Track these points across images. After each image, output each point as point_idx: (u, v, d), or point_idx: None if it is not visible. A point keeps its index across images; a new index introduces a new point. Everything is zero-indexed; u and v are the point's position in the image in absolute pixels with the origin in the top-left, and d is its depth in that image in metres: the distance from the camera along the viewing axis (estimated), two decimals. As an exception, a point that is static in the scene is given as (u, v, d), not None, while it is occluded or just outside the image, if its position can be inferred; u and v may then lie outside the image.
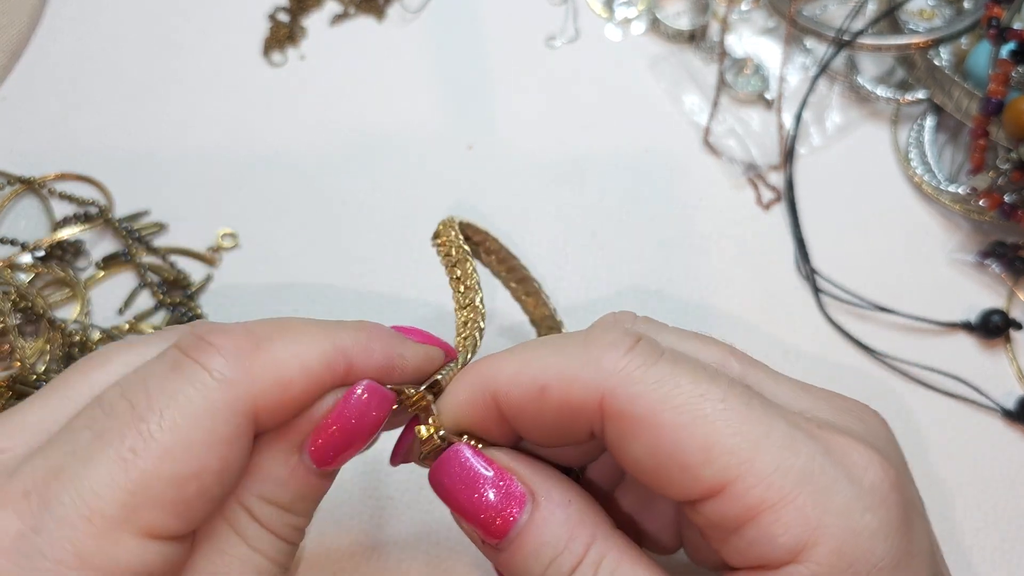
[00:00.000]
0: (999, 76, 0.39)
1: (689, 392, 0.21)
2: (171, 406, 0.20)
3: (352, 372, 0.23)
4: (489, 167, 0.45)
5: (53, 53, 0.47)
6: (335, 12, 0.49)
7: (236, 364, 0.21)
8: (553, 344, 0.24)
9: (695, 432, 0.21)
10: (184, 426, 0.20)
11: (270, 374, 0.22)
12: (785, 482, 0.20)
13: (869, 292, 0.42)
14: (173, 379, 0.21)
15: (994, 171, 0.41)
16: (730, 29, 0.48)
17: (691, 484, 0.21)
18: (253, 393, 0.21)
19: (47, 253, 0.41)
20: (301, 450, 0.23)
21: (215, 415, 0.21)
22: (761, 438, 0.21)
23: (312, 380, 0.22)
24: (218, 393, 0.21)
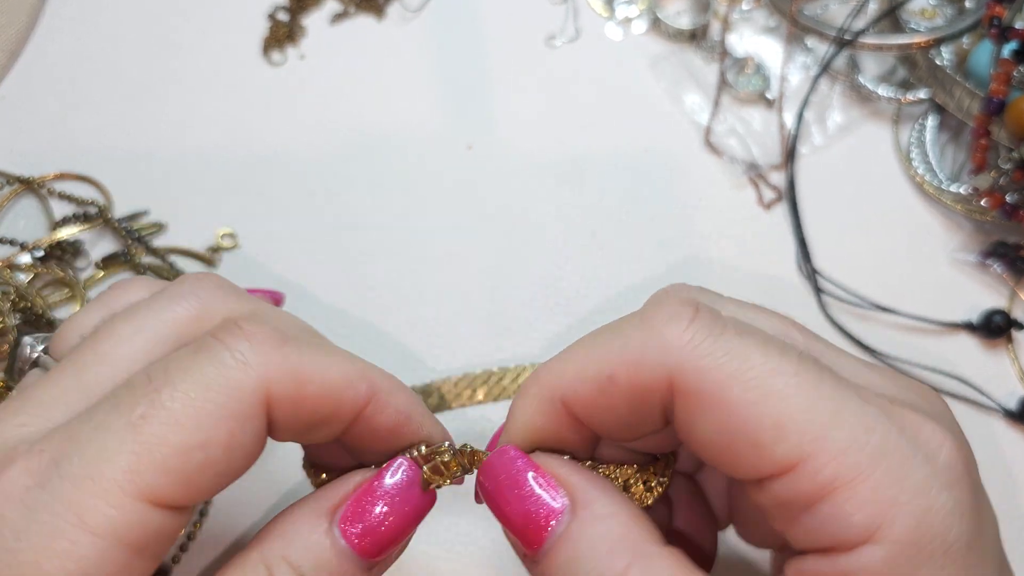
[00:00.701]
0: (1001, 75, 0.39)
1: (760, 366, 0.21)
2: (186, 379, 0.21)
3: (373, 402, 0.23)
4: (489, 167, 0.45)
5: (52, 53, 0.47)
6: (335, 11, 0.49)
7: (258, 350, 0.22)
8: (610, 331, 0.23)
9: (767, 408, 0.20)
10: (195, 398, 0.21)
11: (289, 367, 0.22)
12: (860, 459, 0.20)
13: (870, 292, 0.41)
14: (194, 357, 0.22)
15: (996, 171, 0.41)
16: (731, 28, 0.48)
17: (763, 462, 0.20)
18: (268, 378, 0.22)
19: (46, 253, 0.41)
20: (332, 518, 0.23)
21: (228, 391, 0.21)
22: (835, 414, 0.20)
23: (329, 387, 0.23)
24: (234, 372, 0.21)
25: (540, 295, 0.42)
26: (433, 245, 0.43)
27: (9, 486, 0.20)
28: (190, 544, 0.37)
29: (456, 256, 0.43)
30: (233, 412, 0.21)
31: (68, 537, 0.19)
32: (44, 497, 0.20)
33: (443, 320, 0.41)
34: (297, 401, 0.22)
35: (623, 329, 0.22)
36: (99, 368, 0.23)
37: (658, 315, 0.22)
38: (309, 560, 0.22)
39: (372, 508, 0.23)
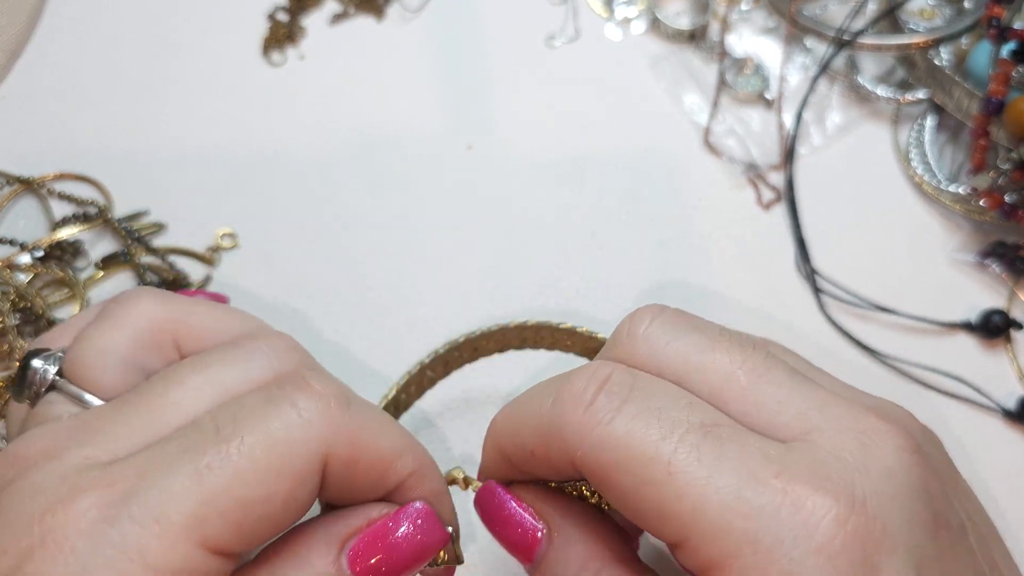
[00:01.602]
0: (1000, 76, 0.39)
1: (640, 454, 0.21)
2: (253, 433, 0.22)
3: (413, 478, 0.25)
4: (489, 167, 0.45)
5: (52, 53, 0.47)
6: (334, 12, 0.49)
7: (323, 410, 0.23)
8: (532, 400, 0.24)
9: (647, 496, 0.21)
10: (261, 454, 0.22)
11: (349, 430, 0.23)
12: (728, 543, 0.20)
13: (870, 292, 0.42)
14: (263, 410, 0.22)
15: (995, 171, 0.41)
16: (730, 29, 0.48)
17: (659, 536, 0.22)
18: (329, 441, 0.22)
19: (46, 253, 0.41)
20: (342, 549, 0.24)
21: (291, 448, 0.22)
22: (706, 499, 0.21)
23: (382, 456, 0.24)
24: (299, 430, 0.22)
25: (540, 295, 0.42)
26: (433, 245, 0.43)
27: (78, 517, 0.20)
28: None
29: (456, 256, 0.43)
30: (294, 470, 0.22)
31: (131, 574, 0.20)
32: (112, 533, 0.20)
33: (443, 320, 0.41)
34: (351, 465, 0.23)
35: (541, 401, 0.24)
36: (169, 413, 0.23)
37: (566, 391, 0.23)
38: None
39: (383, 547, 0.24)
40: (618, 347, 0.24)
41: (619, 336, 0.25)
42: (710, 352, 0.23)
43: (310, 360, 0.27)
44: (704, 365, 0.23)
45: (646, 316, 0.24)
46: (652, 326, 0.24)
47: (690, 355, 0.23)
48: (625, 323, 0.25)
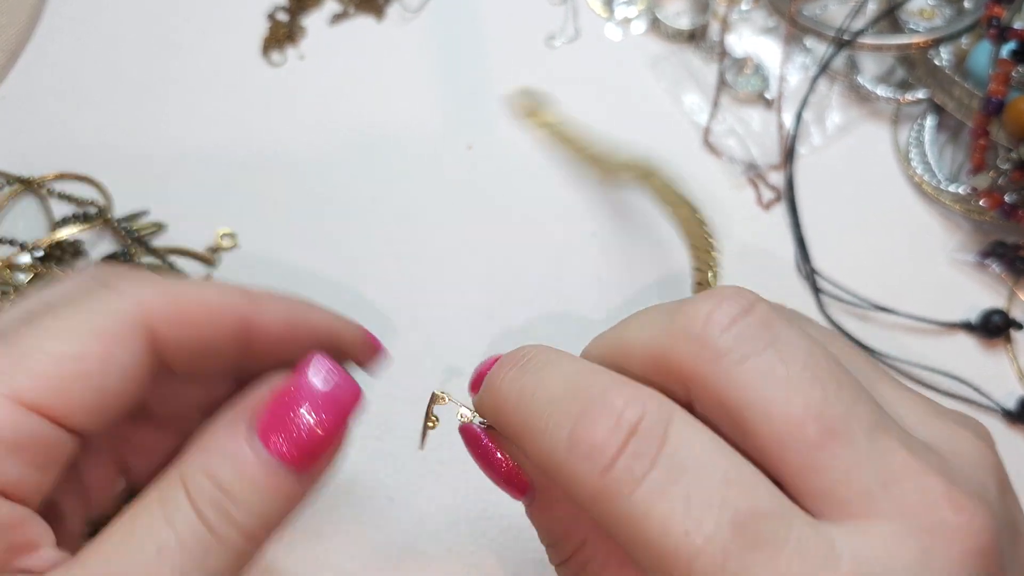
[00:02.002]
0: (999, 76, 0.39)
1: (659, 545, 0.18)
2: (63, 304, 0.22)
3: (258, 311, 0.24)
4: (489, 167, 0.45)
5: (52, 53, 0.47)
6: (334, 12, 0.49)
7: (135, 282, 0.22)
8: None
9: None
10: (71, 315, 0.21)
11: (166, 293, 0.22)
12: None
13: (870, 292, 0.42)
14: (74, 289, 0.22)
15: (994, 171, 0.41)
16: (730, 29, 0.48)
17: None
18: (145, 304, 0.22)
19: (46, 253, 0.41)
20: (252, 426, 0.22)
21: (104, 313, 0.21)
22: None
23: (207, 305, 0.23)
24: (111, 297, 0.22)
25: (540, 295, 0.42)
26: (433, 245, 0.43)
27: None
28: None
29: (456, 256, 0.43)
30: (108, 330, 0.21)
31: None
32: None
33: (443, 320, 0.41)
34: (177, 322, 0.22)
35: (556, 424, 0.20)
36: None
37: (585, 434, 0.20)
38: (231, 473, 0.21)
39: (293, 412, 0.22)
40: (679, 343, 0.20)
41: (688, 326, 0.20)
42: (785, 388, 0.19)
43: None
44: (773, 406, 0.19)
45: (730, 313, 0.20)
46: (732, 331, 0.20)
47: (761, 387, 0.19)
48: (701, 310, 0.20)
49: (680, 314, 0.20)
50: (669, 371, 0.21)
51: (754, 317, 0.20)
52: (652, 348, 0.21)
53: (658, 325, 0.21)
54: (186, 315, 0.23)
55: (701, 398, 0.20)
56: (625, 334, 0.22)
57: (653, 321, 0.21)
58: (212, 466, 0.21)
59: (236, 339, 0.23)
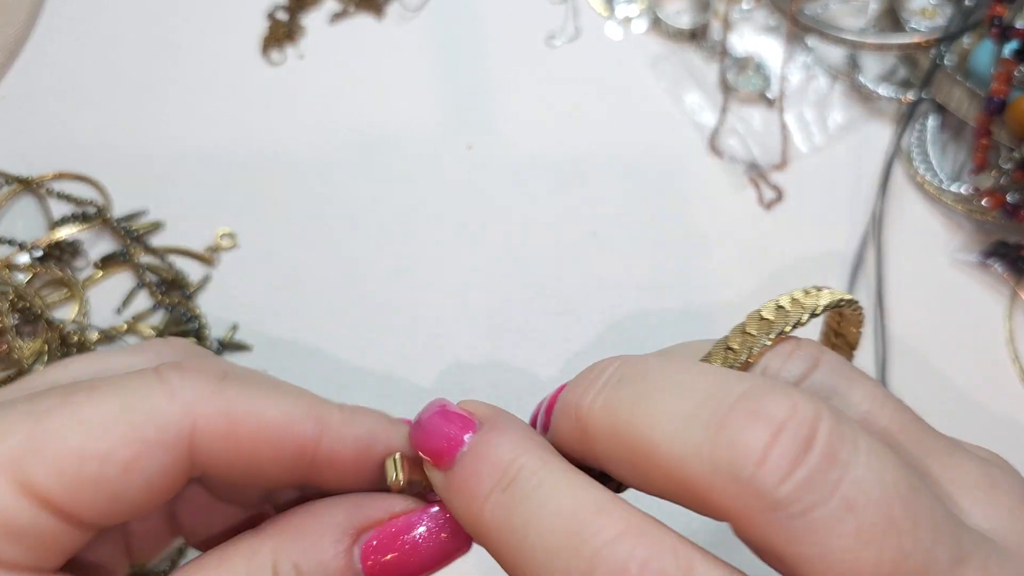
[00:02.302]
0: (1002, 75, 0.39)
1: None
2: (107, 391, 0.20)
3: (327, 437, 0.21)
4: (489, 167, 0.45)
5: (51, 52, 0.47)
6: (334, 11, 0.49)
7: (190, 383, 0.20)
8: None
9: None
10: (109, 409, 0.20)
11: (222, 403, 0.20)
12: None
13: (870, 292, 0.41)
14: (124, 376, 0.21)
15: (997, 170, 0.41)
16: (731, 28, 0.48)
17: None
18: (196, 412, 0.20)
19: (45, 253, 0.41)
20: (355, 540, 0.22)
21: (147, 413, 0.20)
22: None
23: (267, 426, 0.21)
24: (159, 397, 0.20)
25: (540, 295, 0.42)
26: (433, 245, 0.43)
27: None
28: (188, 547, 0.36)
29: (456, 256, 0.42)
30: (146, 435, 0.20)
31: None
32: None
33: (443, 320, 0.41)
34: (229, 440, 0.20)
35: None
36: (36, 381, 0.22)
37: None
38: (317, 571, 0.21)
39: (400, 547, 0.22)
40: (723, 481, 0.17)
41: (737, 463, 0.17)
42: (854, 544, 0.17)
43: (203, 352, 0.25)
44: (839, 564, 0.17)
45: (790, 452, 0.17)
46: (793, 479, 0.17)
47: (825, 543, 0.17)
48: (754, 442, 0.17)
49: (724, 441, 0.17)
50: (704, 503, 0.18)
51: (817, 452, 0.17)
52: (684, 470, 0.18)
53: (692, 443, 0.18)
54: (239, 436, 0.20)
55: (745, 537, 0.18)
56: (642, 432, 0.19)
57: (684, 434, 0.18)
58: (304, 565, 0.21)
59: (293, 466, 0.22)
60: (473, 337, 0.41)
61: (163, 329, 0.40)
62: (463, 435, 0.21)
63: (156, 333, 0.40)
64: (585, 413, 0.20)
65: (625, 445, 0.19)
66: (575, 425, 0.20)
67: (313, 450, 0.21)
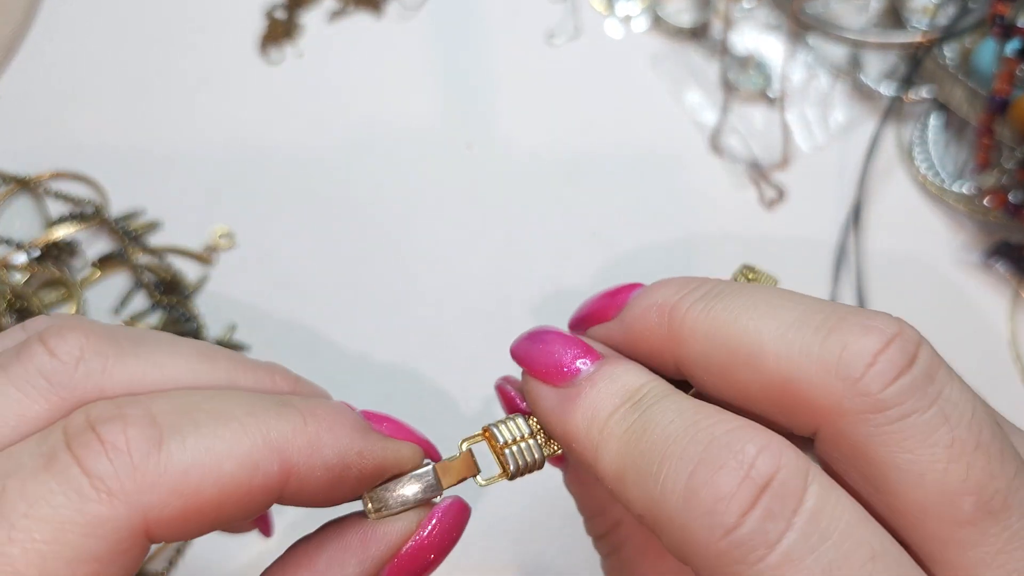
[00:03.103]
0: (1004, 74, 0.39)
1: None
2: (29, 516, 0.17)
3: (291, 476, 0.19)
4: (489, 166, 0.44)
5: (48, 51, 0.47)
6: (333, 9, 0.49)
7: (126, 473, 0.17)
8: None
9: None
10: (40, 541, 0.16)
11: (169, 484, 0.17)
12: None
13: (871, 292, 0.41)
14: (43, 480, 0.17)
15: (999, 170, 0.40)
16: (732, 26, 0.48)
17: None
18: (144, 507, 0.17)
19: (42, 253, 0.41)
20: (381, 571, 0.21)
21: (86, 531, 0.17)
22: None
23: (227, 487, 0.18)
24: (96, 507, 0.17)
25: (540, 295, 0.41)
26: (433, 244, 0.43)
27: None
28: (186, 547, 0.36)
29: (456, 255, 0.42)
30: (94, 554, 0.17)
31: None
32: None
33: (443, 320, 0.41)
34: (186, 515, 0.18)
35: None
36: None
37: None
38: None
39: (420, 562, 0.21)
40: (829, 379, 0.18)
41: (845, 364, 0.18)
42: (945, 455, 0.17)
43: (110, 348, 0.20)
44: (929, 472, 0.17)
45: (897, 362, 0.18)
46: (897, 384, 0.17)
47: (919, 450, 0.17)
48: (863, 349, 0.18)
49: (835, 342, 0.18)
50: (799, 401, 0.18)
51: (920, 367, 0.18)
52: (788, 366, 0.18)
53: (801, 342, 0.18)
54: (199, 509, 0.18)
55: (834, 444, 0.18)
56: (751, 332, 0.19)
57: (794, 333, 0.18)
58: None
59: (255, 511, 0.20)
60: (473, 336, 0.40)
61: (161, 329, 0.40)
62: (580, 360, 0.21)
63: (154, 333, 0.40)
64: (681, 314, 0.20)
65: (726, 346, 0.19)
66: (662, 324, 0.20)
67: (279, 490, 0.19)
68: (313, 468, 0.19)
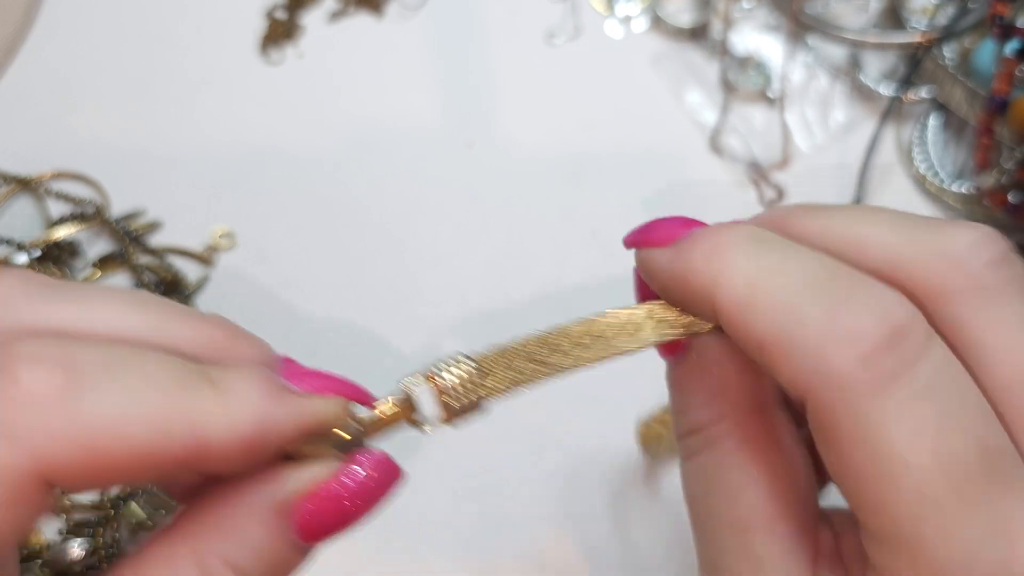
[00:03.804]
0: (1004, 74, 0.39)
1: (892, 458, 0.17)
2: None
3: (204, 448, 0.18)
4: (489, 165, 0.44)
5: (48, 51, 0.47)
6: (333, 9, 0.49)
7: (33, 419, 0.16)
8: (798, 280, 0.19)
9: (883, 505, 0.18)
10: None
11: (75, 437, 0.17)
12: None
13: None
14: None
15: (999, 170, 0.40)
16: (732, 26, 0.48)
17: (863, 522, 0.19)
18: (45, 456, 0.17)
19: (43, 253, 0.41)
20: (286, 516, 0.20)
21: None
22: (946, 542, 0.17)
23: (135, 454, 0.17)
24: None
25: (540, 295, 0.41)
26: (433, 244, 0.43)
27: None
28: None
29: (456, 255, 0.42)
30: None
31: None
32: None
33: (442, 319, 0.41)
34: (89, 471, 0.17)
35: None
36: None
37: (844, 319, 0.18)
38: (252, 559, 0.19)
39: (334, 509, 0.20)
40: (936, 259, 0.19)
41: (951, 246, 0.19)
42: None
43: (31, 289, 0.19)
44: (1019, 349, 0.19)
45: (995, 252, 0.19)
46: (995, 269, 0.19)
47: (1013, 328, 0.19)
48: (967, 237, 0.19)
49: (940, 232, 0.19)
50: (907, 281, 0.19)
51: (1014, 264, 0.19)
52: (895, 251, 0.19)
53: (908, 231, 0.20)
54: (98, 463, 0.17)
55: (935, 320, 0.19)
56: (860, 225, 0.20)
57: (900, 225, 0.20)
58: (235, 557, 0.19)
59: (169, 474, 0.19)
60: (472, 337, 0.40)
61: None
62: (694, 227, 0.23)
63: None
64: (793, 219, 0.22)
65: (838, 239, 0.20)
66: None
67: (191, 461, 0.18)
68: (227, 439, 0.18)
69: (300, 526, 0.20)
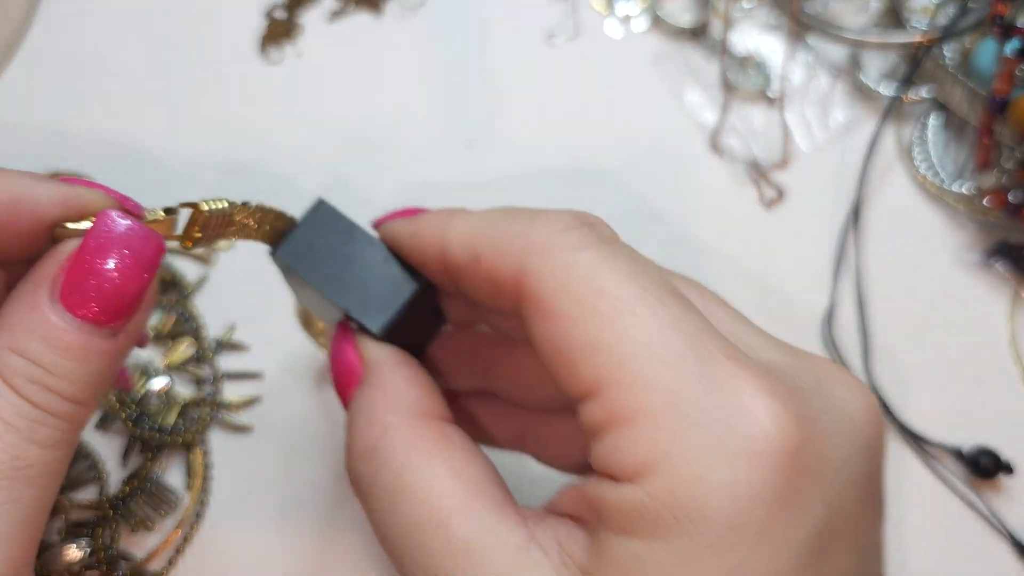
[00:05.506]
0: (1004, 74, 0.39)
1: (599, 286, 0.21)
2: None
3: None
4: (488, 166, 0.44)
5: (48, 51, 0.47)
6: (333, 9, 0.49)
7: None
8: (506, 214, 0.24)
9: (587, 329, 0.20)
10: None
11: None
12: (652, 400, 0.19)
13: (871, 292, 0.41)
14: None
15: (999, 169, 0.40)
16: (732, 26, 0.48)
17: (572, 381, 0.21)
18: None
19: (42, 253, 0.41)
20: (54, 292, 0.21)
21: None
22: (649, 347, 0.20)
23: None
24: None
25: (540, 295, 0.41)
26: (432, 245, 0.43)
27: None
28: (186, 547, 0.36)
29: (455, 256, 0.42)
30: None
31: None
32: None
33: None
34: None
35: (515, 217, 0.24)
36: None
37: (547, 215, 0.23)
38: (39, 345, 0.20)
39: (92, 270, 0.21)
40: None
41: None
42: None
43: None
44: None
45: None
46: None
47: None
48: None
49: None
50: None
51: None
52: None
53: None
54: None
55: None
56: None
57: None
58: (19, 343, 0.20)
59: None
60: (473, 337, 0.40)
61: (160, 329, 0.40)
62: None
63: (153, 333, 0.40)
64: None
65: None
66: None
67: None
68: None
69: (63, 296, 0.21)
